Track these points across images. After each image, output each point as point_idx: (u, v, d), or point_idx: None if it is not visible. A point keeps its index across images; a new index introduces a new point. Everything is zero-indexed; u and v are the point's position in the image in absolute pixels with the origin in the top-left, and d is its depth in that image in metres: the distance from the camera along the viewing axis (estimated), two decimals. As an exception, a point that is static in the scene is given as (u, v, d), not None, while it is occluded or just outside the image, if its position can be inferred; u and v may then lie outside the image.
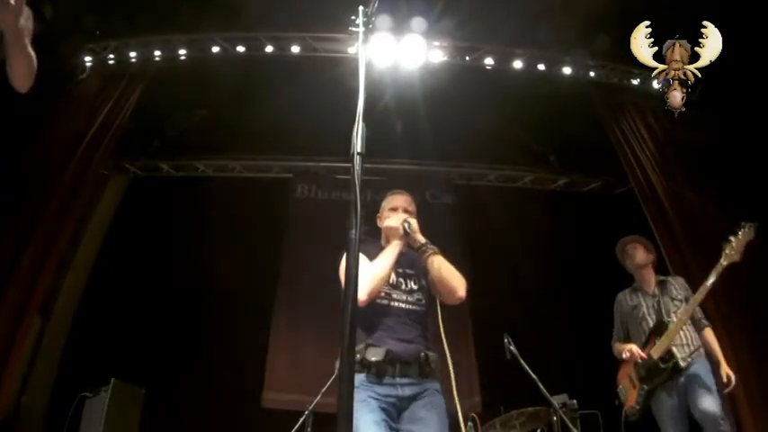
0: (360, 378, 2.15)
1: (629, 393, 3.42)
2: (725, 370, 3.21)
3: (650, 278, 3.56)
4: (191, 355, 5.67)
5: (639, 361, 3.28)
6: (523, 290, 6.17)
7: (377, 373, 2.16)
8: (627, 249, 3.64)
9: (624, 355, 3.39)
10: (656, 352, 3.22)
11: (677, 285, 3.50)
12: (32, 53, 1.96)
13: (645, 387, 3.29)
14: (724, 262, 3.12)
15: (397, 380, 2.19)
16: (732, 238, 3.14)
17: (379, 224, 2.56)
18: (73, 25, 5.70)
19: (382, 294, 2.32)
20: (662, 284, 3.51)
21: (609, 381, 3.69)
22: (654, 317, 3.39)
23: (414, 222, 2.44)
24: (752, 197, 4.77)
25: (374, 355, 2.17)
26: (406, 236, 2.40)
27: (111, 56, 6.05)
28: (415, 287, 2.42)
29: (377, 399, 2.13)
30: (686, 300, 3.38)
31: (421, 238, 2.40)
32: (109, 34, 6.00)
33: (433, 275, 2.34)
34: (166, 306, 5.93)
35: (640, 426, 3.40)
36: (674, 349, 3.19)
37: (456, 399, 2.23)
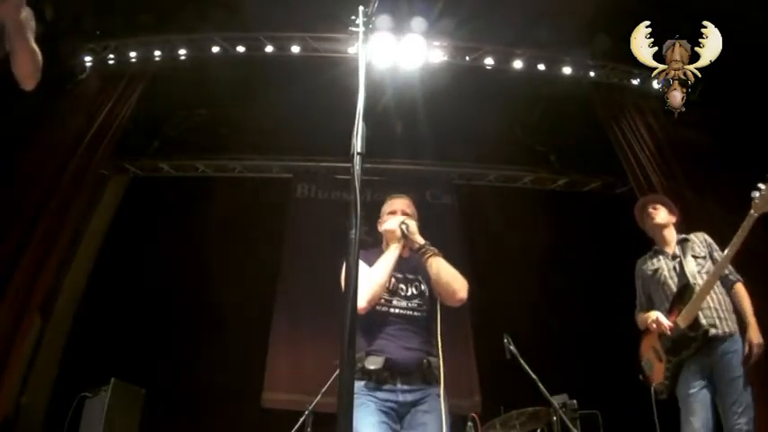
0: (359, 385, 2.15)
1: (656, 367, 3.07)
2: (751, 336, 2.79)
3: (671, 238, 3.22)
4: (191, 356, 5.68)
5: (668, 332, 2.93)
6: (523, 290, 6.17)
7: (376, 380, 2.15)
8: (647, 209, 3.30)
9: (650, 326, 3.01)
10: (683, 320, 2.88)
11: (699, 242, 3.15)
12: (36, 48, 1.97)
13: (672, 360, 2.95)
14: (754, 213, 2.73)
15: (398, 386, 2.18)
16: (763, 186, 2.74)
17: (379, 228, 2.55)
18: (73, 25, 5.71)
19: (382, 301, 2.30)
20: (683, 243, 3.16)
21: (609, 381, 3.69)
22: (676, 280, 3.05)
23: (412, 224, 2.41)
24: (751, 197, 4.77)
25: (373, 364, 2.16)
26: (405, 238, 2.37)
27: (111, 56, 6.05)
28: (415, 292, 2.38)
29: (376, 402, 2.13)
30: (710, 256, 3.05)
31: (420, 240, 2.37)
32: (109, 34, 6.00)
33: (433, 277, 2.31)
34: (166, 306, 5.93)
35: (639, 426, 3.38)
36: (701, 315, 2.85)
37: (442, 401, 2.18)
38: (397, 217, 2.46)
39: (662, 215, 3.26)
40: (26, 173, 5.18)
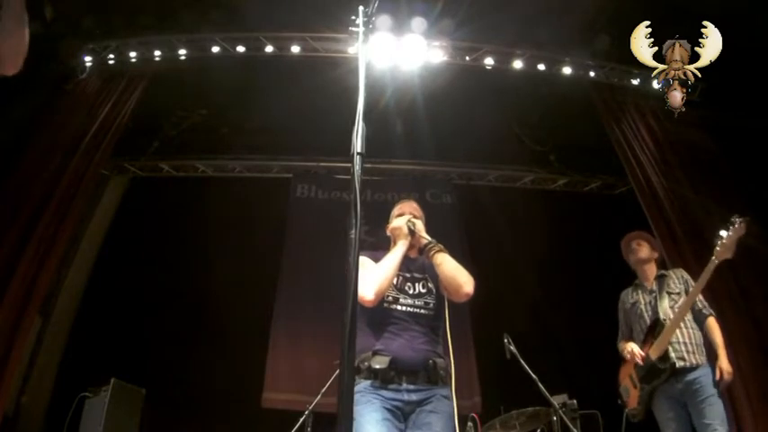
0: (365, 384, 2.16)
1: (631, 393, 3.36)
2: (721, 365, 3.03)
3: (651, 273, 3.48)
4: (191, 356, 5.67)
5: (640, 362, 3.22)
6: (523, 290, 6.17)
7: (382, 379, 2.16)
8: (632, 245, 3.55)
9: (626, 356, 3.34)
10: (654, 352, 3.16)
11: (676, 278, 3.39)
12: (26, 31, 1.76)
13: (645, 387, 3.23)
14: (716, 260, 3.01)
15: (403, 386, 2.18)
16: (723, 234, 3.03)
17: (387, 231, 2.57)
18: (73, 25, 5.72)
19: (389, 298, 2.32)
20: (660, 279, 3.42)
21: (609, 381, 3.69)
22: (650, 314, 3.33)
23: (419, 223, 2.47)
24: (752, 197, 4.78)
25: (379, 363, 2.17)
26: (412, 235, 2.42)
27: (111, 56, 6.05)
28: (422, 290, 2.40)
29: (381, 400, 2.13)
30: (685, 292, 3.28)
31: (426, 237, 2.42)
32: (109, 34, 6.00)
33: (439, 272, 2.34)
34: (166, 306, 5.93)
35: (641, 426, 3.39)
36: (670, 348, 3.11)
37: (454, 402, 2.23)
38: (405, 216, 2.50)
39: (644, 251, 3.51)
40: (26, 173, 5.18)
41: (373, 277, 2.24)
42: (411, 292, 2.38)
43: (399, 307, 2.32)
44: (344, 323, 1.23)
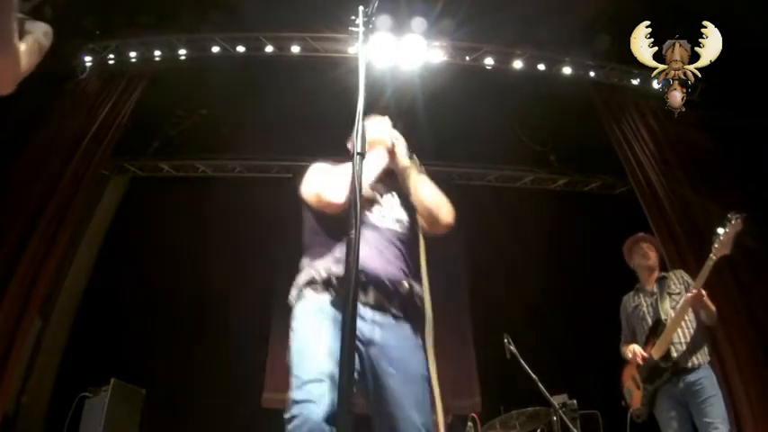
0: (321, 300, 1.79)
1: (634, 394, 3.38)
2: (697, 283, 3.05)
3: (652, 277, 3.51)
4: (191, 356, 5.67)
5: (641, 362, 3.25)
6: (523, 290, 6.17)
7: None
8: (642, 248, 3.53)
9: (628, 357, 3.36)
10: (656, 352, 3.18)
11: (676, 279, 3.42)
12: (14, 53, 1.61)
13: (648, 388, 3.25)
14: (713, 256, 3.02)
15: (368, 311, 1.76)
16: (720, 231, 3.03)
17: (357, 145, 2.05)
18: (73, 25, 5.71)
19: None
20: (661, 281, 3.44)
21: (609, 381, 3.69)
22: (652, 315, 3.35)
23: (401, 144, 2.17)
24: (752, 197, 4.78)
25: (341, 270, 1.72)
26: (392, 155, 2.10)
27: (111, 56, 6.05)
28: (396, 209, 2.07)
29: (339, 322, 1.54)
30: (685, 291, 3.29)
31: (406, 160, 2.13)
32: (109, 34, 6.00)
33: (418, 198, 2.04)
34: (166, 306, 5.93)
35: (643, 427, 3.39)
36: (672, 348, 3.14)
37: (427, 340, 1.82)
38: (391, 131, 2.18)
39: (653, 258, 3.51)
40: (26, 173, 5.18)
41: (344, 179, 1.77)
42: (385, 206, 2.04)
43: (371, 221, 1.94)
44: (345, 323, 1.23)
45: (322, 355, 1.63)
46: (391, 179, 2.14)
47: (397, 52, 5.72)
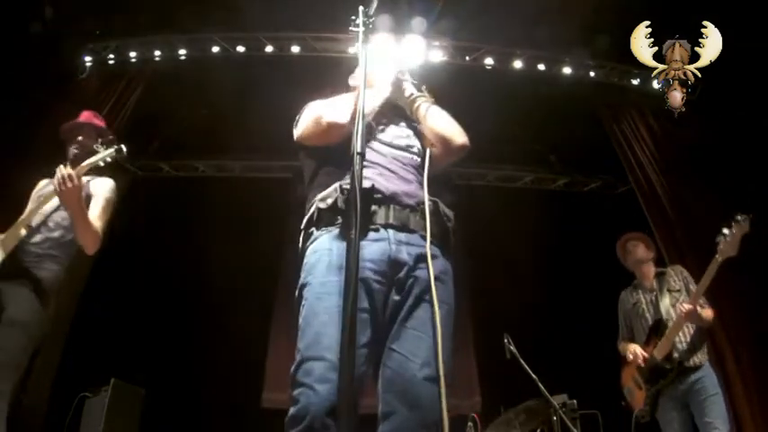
0: (329, 235, 1.57)
1: (636, 395, 3.35)
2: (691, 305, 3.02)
3: (650, 273, 3.50)
4: (191, 356, 5.67)
5: (642, 363, 3.23)
6: (523, 290, 6.16)
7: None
8: (627, 246, 3.58)
9: (628, 357, 3.34)
10: (658, 352, 3.16)
11: (675, 275, 3.41)
12: (95, 226, 2.64)
13: (651, 388, 3.23)
14: (719, 258, 2.97)
15: (390, 233, 1.56)
16: (726, 232, 2.97)
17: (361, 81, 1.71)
18: (73, 25, 5.71)
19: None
20: (660, 277, 3.43)
21: (609, 381, 3.69)
22: (652, 313, 3.33)
23: (408, 80, 2.06)
24: (752, 197, 4.77)
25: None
26: (397, 86, 1.99)
27: (111, 56, 6.05)
28: (403, 135, 1.93)
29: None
30: (685, 288, 3.29)
31: (413, 89, 2.01)
32: (109, 34, 6.00)
33: (429, 125, 1.89)
34: (166, 306, 5.92)
35: (645, 427, 3.39)
36: (674, 348, 3.13)
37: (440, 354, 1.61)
38: (397, 60, 2.07)
39: (640, 251, 3.51)
40: (26, 173, 5.17)
41: (346, 102, 1.70)
42: (391, 133, 1.90)
43: (378, 144, 1.80)
44: (344, 323, 1.23)
45: (328, 326, 1.45)
46: (399, 111, 2.02)
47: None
